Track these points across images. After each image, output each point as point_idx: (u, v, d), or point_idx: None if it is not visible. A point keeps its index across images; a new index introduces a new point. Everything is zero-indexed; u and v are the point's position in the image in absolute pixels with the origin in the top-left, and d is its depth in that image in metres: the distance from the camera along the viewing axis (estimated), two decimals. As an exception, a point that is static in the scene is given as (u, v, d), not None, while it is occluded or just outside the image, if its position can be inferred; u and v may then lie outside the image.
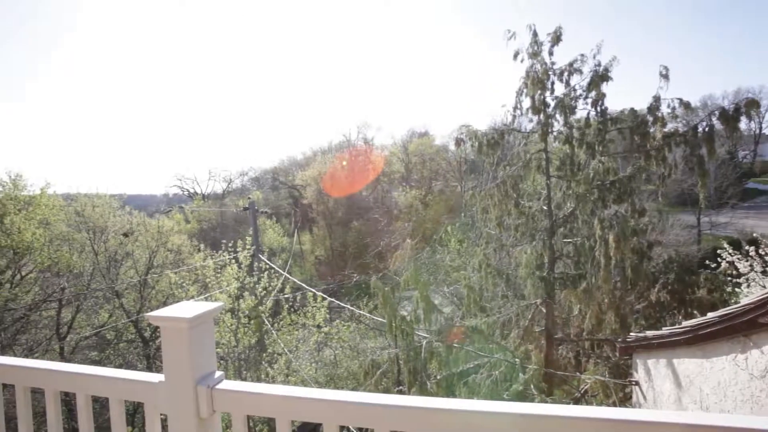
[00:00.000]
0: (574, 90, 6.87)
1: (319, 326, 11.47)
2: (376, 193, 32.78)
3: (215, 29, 50.12)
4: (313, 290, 11.91)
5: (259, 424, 9.57)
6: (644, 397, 4.71)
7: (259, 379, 10.16)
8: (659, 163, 6.28)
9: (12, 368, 1.49)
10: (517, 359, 6.57)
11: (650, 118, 6.40)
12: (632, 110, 6.62)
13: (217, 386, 1.26)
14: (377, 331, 12.57)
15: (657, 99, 6.35)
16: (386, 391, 7.68)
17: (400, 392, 7.12)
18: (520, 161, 7.23)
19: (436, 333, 6.47)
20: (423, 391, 5.99)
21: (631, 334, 5.14)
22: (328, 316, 11.96)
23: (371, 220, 29.09)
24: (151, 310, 1.63)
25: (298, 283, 12.38)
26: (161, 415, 1.35)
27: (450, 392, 6.49)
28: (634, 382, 5.10)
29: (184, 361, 1.24)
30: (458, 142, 7.86)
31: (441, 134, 44.50)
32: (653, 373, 4.49)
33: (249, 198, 21.56)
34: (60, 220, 14.68)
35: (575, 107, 6.89)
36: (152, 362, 13.89)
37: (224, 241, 12.30)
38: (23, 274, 13.52)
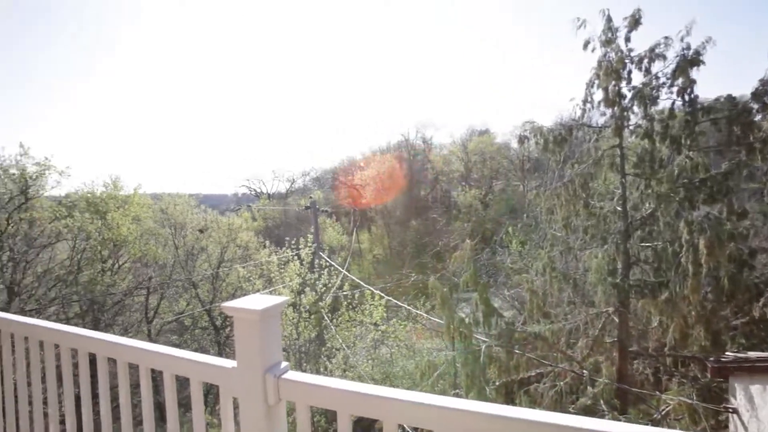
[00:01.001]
0: (656, 78, 6.22)
1: (376, 324, 11.63)
2: (435, 192, 32.44)
3: (282, 34, 52.96)
4: (371, 288, 12.11)
5: (317, 415, 9.93)
6: (745, 428, 4.09)
7: (318, 372, 10.54)
8: (765, 158, 5.46)
9: (115, 345, 1.71)
10: (585, 371, 6.11)
11: (755, 106, 5.58)
12: (730, 97, 5.82)
13: (284, 376, 1.31)
14: (434, 332, 12.44)
15: (765, 82, 5.52)
16: (443, 393, 7.55)
17: (457, 396, 6.97)
18: (590, 158, 6.71)
19: (495, 337, 6.23)
20: (481, 396, 5.80)
21: (727, 353, 4.50)
22: (385, 314, 12.09)
23: (430, 220, 28.85)
24: (222, 301, 1.75)
25: (357, 280, 12.66)
26: (233, 398, 1.45)
27: (509, 400, 6.22)
28: (731, 410, 4.46)
29: (255, 350, 1.31)
30: (521, 139, 7.51)
31: (502, 132, 42.65)
32: (758, 402, 3.88)
33: (310, 197, 22.51)
34: (148, 216, 16.56)
35: (657, 97, 6.23)
36: (222, 348, 15.09)
37: (287, 238, 13.01)
38: (120, 263, 15.46)
